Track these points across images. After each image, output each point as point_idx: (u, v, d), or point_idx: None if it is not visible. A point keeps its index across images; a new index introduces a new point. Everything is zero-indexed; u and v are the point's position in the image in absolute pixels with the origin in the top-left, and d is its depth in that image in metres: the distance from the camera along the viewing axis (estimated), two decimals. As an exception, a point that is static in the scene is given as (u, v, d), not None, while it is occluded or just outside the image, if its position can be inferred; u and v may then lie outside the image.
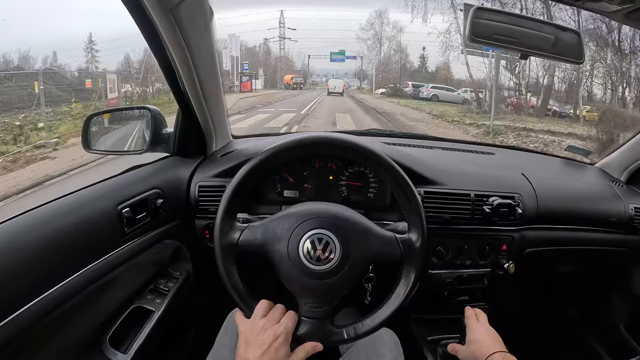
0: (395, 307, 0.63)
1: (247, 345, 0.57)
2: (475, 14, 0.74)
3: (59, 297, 0.57)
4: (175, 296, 0.83)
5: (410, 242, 0.64)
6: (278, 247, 0.62)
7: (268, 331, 0.58)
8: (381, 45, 24.52)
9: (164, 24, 0.65)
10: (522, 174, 1.00)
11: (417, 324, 0.97)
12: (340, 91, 19.45)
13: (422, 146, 1.13)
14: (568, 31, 0.79)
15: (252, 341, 0.57)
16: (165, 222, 0.82)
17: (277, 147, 0.66)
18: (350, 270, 0.61)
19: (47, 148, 5.29)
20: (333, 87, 19.75)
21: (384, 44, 24.49)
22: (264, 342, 0.56)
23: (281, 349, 0.57)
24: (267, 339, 0.57)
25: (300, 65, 29.70)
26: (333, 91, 19.39)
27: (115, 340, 0.72)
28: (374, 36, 24.99)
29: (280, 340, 0.57)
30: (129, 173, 0.81)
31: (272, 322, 0.59)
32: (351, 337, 0.61)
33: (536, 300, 1.28)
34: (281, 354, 0.56)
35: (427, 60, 23.10)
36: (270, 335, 0.57)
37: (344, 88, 20.47)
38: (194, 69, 0.76)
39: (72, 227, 0.62)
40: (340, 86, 19.94)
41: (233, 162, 0.88)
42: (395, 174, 0.66)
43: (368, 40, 25.05)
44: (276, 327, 0.58)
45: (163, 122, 0.91)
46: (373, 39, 25.08)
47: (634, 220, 1.03)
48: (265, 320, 0.59)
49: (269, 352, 0.56)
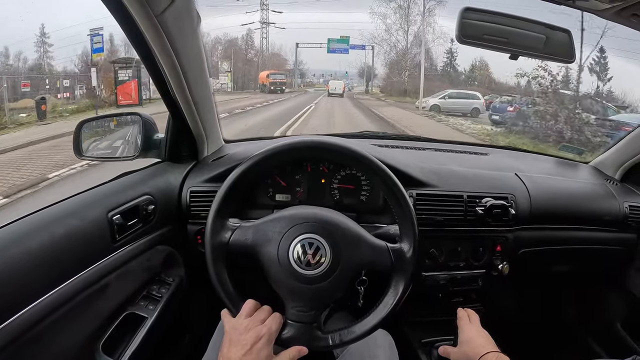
0: (382, 315, 0.63)
1: (230, 345, 0.57)
2: (464, 14, 0.73)
3: (50, 306, 0.57)
4: (168, 302, 0.83)
5: (402, 252, 0.64)
6: (268, 249, 0.62)
7: (251, 332, 0.58)
8: (408, 26, 17.18)
9: (150, 30, 0.64)
10: (515, 174, 0.99)
11: (411, 326, 0.97)
12: (340, 92, 19.57)
13: (414, 148, 1.12)
14: (558, 30, 0.78)
15: (235, 341, 0.57)
16: (157, 228, 0.82)
17: (270, 151, 0.66)
18: (339, 276, 0.61)
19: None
20: (333, 88, 19.47)
21: (412, 25, 17.10)
22: (247, 343, 0.56)
23: (263, 350, 0.56)
24: (250, 340, 0.57)
25: (292, 61, 22.80)
26: (333, 92, 19.40)
27: (108, 348, 0.72)
28: (398, 12, 17.15)
29: (263, 342, 0.57)
30: (120, 180, 0.81)
31: (257, 322, 0.59)
32: (336, 344, 0.61)
33: (531, 301, 1.28)
34: (263, 355, 0.56)
35: (457, 56, 17.03)
36: (253, 335, 0.57)
37: (344, 89, 20.28)
38: (183, 75, 0.75)
39: (62, 235, 0.62)
40: (340, 87, 19.76)
41: (225, 166, 0.88)
42: (387, 180, 0.66)
43: (389, 18, 17.41)
44: (260, 328, 0.58)
45: (154, 127, 0.90)
46: (397, 15, 17.28)
47: (629, 218, 1.03)
48: (250, 320, 0.59)
49: (251, 353, 0.56)
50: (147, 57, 0.71)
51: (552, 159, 1.24)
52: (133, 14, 0.61)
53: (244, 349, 0.56)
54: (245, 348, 0.56)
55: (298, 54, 21.78)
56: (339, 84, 20.15)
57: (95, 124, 0.94)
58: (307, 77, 26.14)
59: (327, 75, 24.10)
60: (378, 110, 12.87)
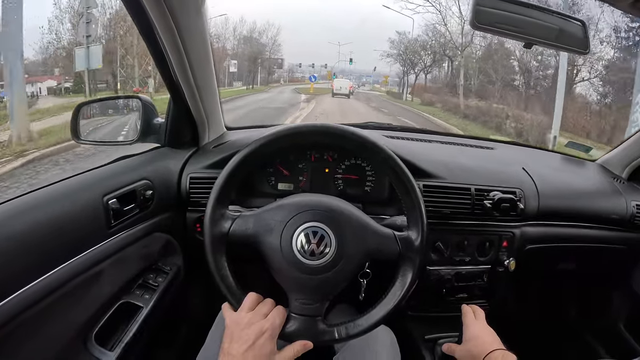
0: (390, 307, 0.60)
1: (232, 340, 0.54)
2: (478, 1, 0.71)
3: (40, 292, 0.54)
4: (165, 291, 0.80)
5: (409, 240, 0.62)
6: (270, 239, 0.59)
7: (253, 326, 0.55)
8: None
9: (154, 8, 0.62)
10: (523, 169, 0.97)
11: (414, 322, 0.94)
12: (347, 92, 16.84)
13: (421, 140, 1.10)
14: (573, 20, 0.77)
15: (236, 336, 0.54)
16: (155, 214, 0.79)
17: (273, 135, 0.63)
18: (345, 266, 0.58)
19: None
20: (338, 87, 17.12)
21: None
22: (249, 338, 0.54)
23: (266, 346, 0.54)
24: (252, 335, 0.54)
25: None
26: (338, 92, 16.78)
27: (101, 338, 0.69)
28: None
29: (266, 337, 0.54)
30: (117, 163, 0.78)
31: (259, 316, 0.56)
32: (342, 337, 0.59)
33: (536, 298, 1.27)
34: (266, 351, 0.54)
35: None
36: (256, 330, 0.54)
37: (351, 89, 17.40)
38: (186, 57, 0.73)
39: (54, 218, 0.59)
40: (346, 87, 17.21)
41: (226, 153, 0.85)
42: (396, 167, 0.63)
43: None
44: (262, 323, 0.55)
45: (154, 111, 0.88)
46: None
47: (635, 218, 1.01)
48: (252, 314, 0.57)
49: (254, 349, 0.53)
50: (150, 37, 0.69)
51: (559, 156, 1.23)
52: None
53: (246, 344, 0.53)
54: (247, 344, 0.53)
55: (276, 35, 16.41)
56: (345, 82, 18.08)
57: (94, 107, 0.91)
58: (297, 72, 20.79)
59: (315, 72, 20.05)
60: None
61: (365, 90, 23.53)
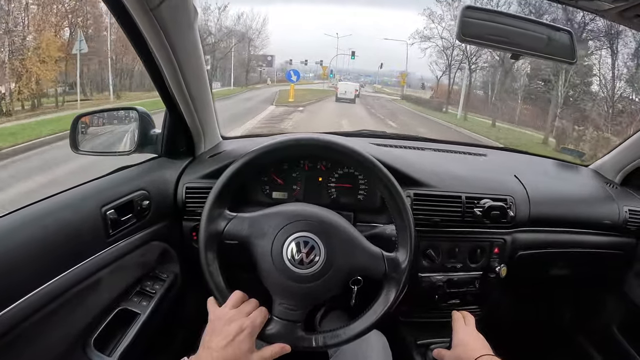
0: (369, 323, 0.62)
1: (213, 334, 0.57)
2: (465, 13, 0.72)
3: (41, 300, 0.57)
4: (162, 298, 0.82)
5: (397, 262, 0.63)
6: (262, 242, 0.62)
7: (234, 323, 0.57)
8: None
9: (146, 24, 0.64)
10: (514, 176, 0.98)
11: (407, 327, 0.96)
12: (352, 97, 15.64)
13: (413, 147, 1.12)
14: (560, 31, 0.78)
15: (217, 330, 0.57)
16: (152, 223, 0.81)
17: (269, 146, 0.65)
18: (331, 278, 0.61)
19: None
20: (343, 91, 15.82)
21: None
22: (229, 334, 0.56)
23: (245, 343, 0.56)
24: (232, 331, 0.56)
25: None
26: (343, 96, 15.47)
27: (100, 344, 0.71)
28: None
29: (245, 334, 0.57)
30: (115, 174, 0.80)
31: (241, 314, 0.59)
32: (319, 346, 0.61)
33: (529, 304, 1.27)
34: (245, 348, 0.56)
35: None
36: (236, 327, 0.57)
37: (356, 93, 16.09)
38: (179, 70, 0.74)
39: (55, 229, 0.62)
40: (351, 91, 15.87)
41: (222, 163, 0.87)
42: (391, 189, 0.65)
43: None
44: (243, 320, 0.58)
45: (151, 122, 0.90)
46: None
47: (628, 223, 1.02)
48: (235, 311, 0.59)
49: (233, 344, 0.55)
50: (143, 51, 0.71)
51: (552, 161, 1.23)
52: (129, 8, 0.60)
53: (226, 339, 0.56)
54: (227, 339, 0.56)
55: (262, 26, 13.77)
56: (350, 86, 16.54)
57: (92, 119, 0.93)
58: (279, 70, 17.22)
59: (312, 74, 17.26)
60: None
61: (370, 93, 19.76)
